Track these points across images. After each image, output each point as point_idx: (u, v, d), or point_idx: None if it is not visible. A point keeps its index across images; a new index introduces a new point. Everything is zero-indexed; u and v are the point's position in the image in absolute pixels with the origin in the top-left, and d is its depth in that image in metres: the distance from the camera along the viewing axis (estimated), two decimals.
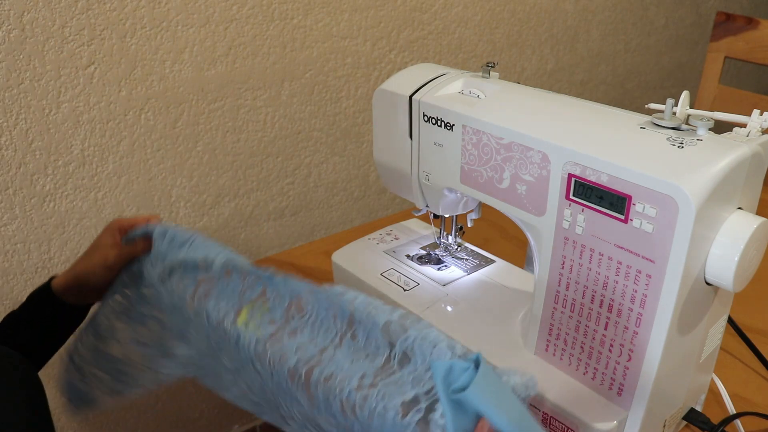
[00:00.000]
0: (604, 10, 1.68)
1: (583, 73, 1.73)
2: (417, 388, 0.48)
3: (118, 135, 1.07)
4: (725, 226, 0.51)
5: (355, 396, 0.49)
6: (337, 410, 0.50)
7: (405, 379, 0.49)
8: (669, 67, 1.94)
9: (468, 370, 0.45)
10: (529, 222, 0.61)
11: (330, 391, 0.50)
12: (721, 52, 1.32)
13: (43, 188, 1.03)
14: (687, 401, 0.63)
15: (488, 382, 0.44)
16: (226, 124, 1.17)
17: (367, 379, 0.49)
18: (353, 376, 0.50)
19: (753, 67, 2.08)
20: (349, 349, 0.52)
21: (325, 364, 0.52)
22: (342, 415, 0.50)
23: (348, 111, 1.33)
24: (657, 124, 0.54)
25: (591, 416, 0.58)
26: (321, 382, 0.51)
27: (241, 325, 0.58)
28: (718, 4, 1.95)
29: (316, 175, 1.34)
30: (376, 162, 0.79)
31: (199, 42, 1.09)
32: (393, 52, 1.34)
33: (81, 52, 0.99)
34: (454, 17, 1.40)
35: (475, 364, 0.45)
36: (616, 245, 0.53)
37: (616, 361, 0.57)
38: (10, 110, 0.96)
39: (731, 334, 0.77)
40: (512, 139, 0.59)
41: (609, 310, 0.56)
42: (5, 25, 0.92)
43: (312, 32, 1.21)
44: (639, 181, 0.50)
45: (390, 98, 0.72)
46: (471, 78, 0.68)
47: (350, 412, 0.49)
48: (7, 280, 1.05)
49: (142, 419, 1.32)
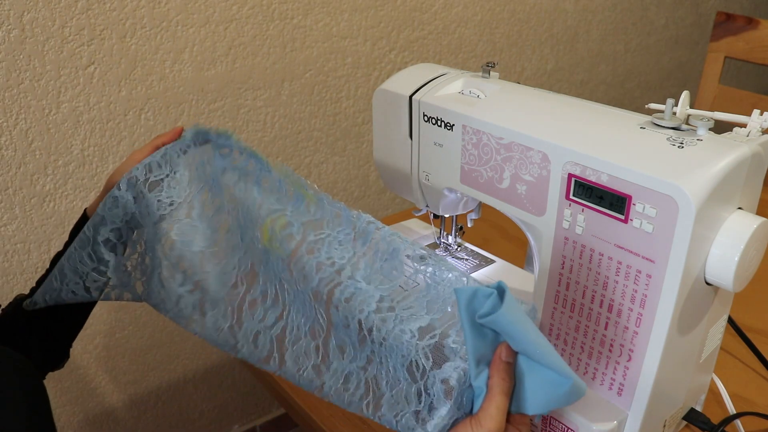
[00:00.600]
0: (604, 10, 1.68)
1: (583, 73, 1.73)
2: (432, 314, 0.50)
3: (118, 135, 1.07)
4: (725, 226, 0.51)
5: (374, 318, 0.50)
6: (354, 329, 0.51)
7: (420, 304, 0.51)
8: (669, 67, 1.94)
9: (491, 296, 0.46)
10: (529, 222, 0.61)
11: (350, 311, 0.52)
12: (721, 52, 1.32)
13: (43, 188, 1.03)
14: (687, 401, 0.63)
15: (513, 307, 0.46)
16: (226, 124, 1.17)
17: (386, 303, 0.51)
18: (372, 299, 0.51)
19: (753, 67, 2.08)
20: (366, 269, 0.54)
21: (345, 284, 0.53)
22: (357, 335, 0.51)
23: (348, 111, 1.33)
24: (657, 124, 0.54)
25: (591, 416, 0.58)
26: (342, 302, 0.52)
27: (267, 243, 0.59)
28: (718, 4, 1.95)
29: (316, 175, 1.34)
30: (376, 162, 0.79)
31: (199, 42, 1.09)
32: (393, 52, 1.34)
33: (81, 52, 0.99)
34: (454, 17, 1.40)
35: (498, 291, 0.46)
36: (616, 245, 0.53)
37: (616, 361, 0.57)
38: (10, 110, 0.96)
39: (731, 334, 0.77)
40: (512, 139, 0.59)
41: (609, 310, 0.56)
42: (5, 25, 0.92)
43: (312, 32, 1.21)
44: (639, 181, 0.50)
45: (390, 98, 0.72)
46: (471, 78, 0.68)
47: (367, 332, 0.51)
48: (7, 280, 1.05)
49: (142, 419, 1.32)
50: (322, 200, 0.58)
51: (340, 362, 0.54)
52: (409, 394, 0.50)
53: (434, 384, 0.48)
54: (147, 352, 1.27)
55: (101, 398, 1.24)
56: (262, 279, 0.60)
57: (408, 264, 0.52)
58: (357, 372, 0.53)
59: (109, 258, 0.69)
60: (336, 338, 0.54)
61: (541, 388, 0.48)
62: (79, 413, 1.23)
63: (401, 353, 0.49)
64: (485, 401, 0.47)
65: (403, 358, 0.49)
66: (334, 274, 0.54)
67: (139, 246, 0.70)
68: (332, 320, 0.54)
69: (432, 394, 0.49)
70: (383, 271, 0.53)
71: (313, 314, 0.56)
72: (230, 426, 1.47)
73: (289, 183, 0.61)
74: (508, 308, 0.45)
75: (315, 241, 0.56)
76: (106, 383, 1.24)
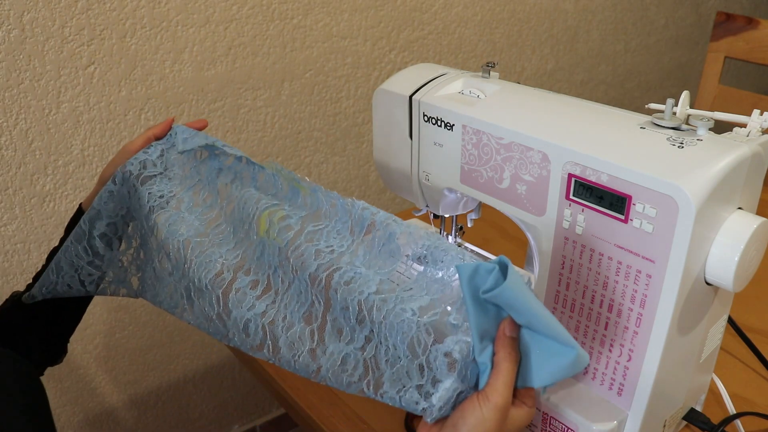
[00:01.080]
0: (604, 10, 1.68)
1: (583, 73, 1.73)
2: (431, 294, 0.50)
3: (118, 135, 1.07)
4: (725, 226, 0.51)
5: (375, 298, 0.51)
6: (354, 310, 0.52)
7: (420, 285, 0.51)
8: (669, 67, 1.94)
9: (493, 271, 0.46)
10: (529, 222, 0.61)
11: (349, 293, 0.52)
12: (721, 52, 1.32)
13: (43, 188, 1.03)
14: (687, 401, 0.63)
15: (516, 281, 0.46)
16: (226, 124, 1.17)
17: (386, 285, 0.51)
18: (372, 282, 0.51)
19: (753, 67, 2.08)
20: (366, 256, 0.54)
21: (345, 269, 0.53)
22: (357, 315, 0.52)
23: (348, 111, 1.33)
24: (657, 124, 0.54)
25: (591, 416, 0.58)
26: (341, 285, 0.52)
27: (263, 234, 0.59)
28: (718, 4, 1.95)
29: (316, 175, 1.34)
30: (376, 162, 0.79)
31: (199, 42, 1.09)
32: (393, 52, 1.34)
33: (81, 52, 0.99)
34: (454, 17, 1.40)
35: (500, 266, 0.46)
36: (616, 245, 0.53)
37: (616, 361, 0.57)
38: (10, 110, 0.96)
39: (731, 334, 0.77)
40: (512, 139, 0.59)
41: (609, 310, 0.56)
42: (5, 25, 0.92)
43: (312, 32, 1.21)
44: (639, 181, 0.50)
45: (390, 98, 0.72)
46: (471, 78, 0.68)
47: (367, 311, 0.51)
48: (7, 280, 1.05)
49: (142, 419, 1.32)
50: (317, 192, 0.59)
51: (337, 345, 0.54)
52: (411, 369, 0.49)
53: (437, 358, 0.48)
54: (147, 352, 1.27)
55: (101, 398, 1.24)
56: (253, 270, 0.61)
57: (405, 247, 0.53)
58: (355, 353, 0.53)
59: (104, 252, 0.69)
60: (332, 322, 0.55)
61: (546, 360, 0.47)
62: (79, 413, 1.23)
63: (402, 330, 0.49)
64: (492, 376, 0.47)
65: (403, 335, 0.49)
66: (333, 259, 0.54)
67: (134, 241, 0.71)
68: (330, 304, 0.54)
69: (435, 368, 0.48)
70: (381, 255, 0.54)
71: (309, 300, 0.56)
72: (230, 426, 1.47)
73: (283, 178, 0.62)
74: (512, 282, 0.45)
75: (314, 231, 0.57)
76: (106, 383, 1.24)
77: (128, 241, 0.71)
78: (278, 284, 0.59)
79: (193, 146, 0.68)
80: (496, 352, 0.48)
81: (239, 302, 0.59)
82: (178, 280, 0.64)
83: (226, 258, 0.62)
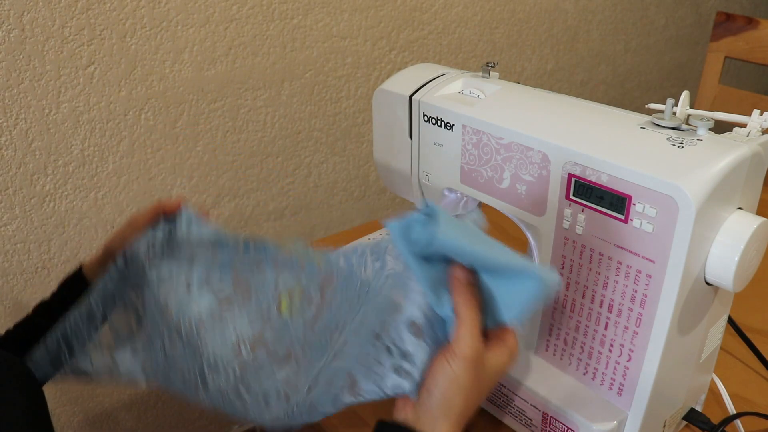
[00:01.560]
0: (604, 10, 1.68)
1: (583, 73, 1.73)
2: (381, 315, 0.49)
3: (118, 135, 1.07)
4: (725, 226, 0.51)
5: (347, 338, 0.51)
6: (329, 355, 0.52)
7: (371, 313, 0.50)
8: (669, 67, 1.94)
9: (424, 222, 0.45)
10: (529, 222, 0.61)
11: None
12: (721, 52, 1.32)
13: (43, 188, 1.03)
14: (687, 401, 0.63)
15: (451, 226, 0.44)
16: (226, 124, 1.17)
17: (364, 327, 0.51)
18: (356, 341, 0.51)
19: (753, 67, 2.08)
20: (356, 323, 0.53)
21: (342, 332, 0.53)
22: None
23: (348, 111, 1.33)
24: (657, 124, 0.54)
25: (591, 416, 0.58)
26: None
27: (285, 312, 0.58)
28: (718, 4, 1.95)
29: (316, 175, 1.34)
30: (376, 162, 0.79)
31: (199, 42, 1.09)
32: (393, 52, 1.34)
33: (81, 52, 0.99)
34: (454, 17, 1.40)
35: (427, 213, 0.45)
36: (616, 245, 0.53)
37: (616, 361, 0.57)
38: (10, 110, 0.96)
39: (731, 334, 0.77)
40: (512, 139, 0.59)
41: (609, 310, 0.56)
42: (5, 25, 0.92)
43: (312, 32, 1.21)
44: (639, 181, 0.50)
45: (390, 98, 0.72)
46: (471, 78, 0.68)
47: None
48: (7, 280, 1.05)
49: (142, 419, 1.32)
50: (327, 255, 0.57)
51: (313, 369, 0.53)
52: (379, 355, 0.47)
53: (399, 330, 0.46)
54: None
55: (101, 398, 1.24)
56: (270, 342, 0.59)
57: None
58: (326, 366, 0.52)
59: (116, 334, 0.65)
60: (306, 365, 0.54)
61: (511, 294, 0.46)
62: (79, 413, 1.23)
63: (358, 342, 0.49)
64: (455, 328, 0.45)
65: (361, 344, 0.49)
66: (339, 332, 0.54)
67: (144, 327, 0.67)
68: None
69: (402, 340, 0.46)
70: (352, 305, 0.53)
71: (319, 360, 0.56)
72: (230, 426, 1.47)
73: (299, 255, 0.59)
74: (446, 228, 0.44)
75: (329, 300, 0.56)
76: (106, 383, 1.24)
77: (138, 321, 0.67)
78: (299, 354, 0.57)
79: (199, 236, 0.65)
80: (454, 301, 0.45)
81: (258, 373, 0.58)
82: (191, 358, 0.62)
83: (239, 333, 0.60)
